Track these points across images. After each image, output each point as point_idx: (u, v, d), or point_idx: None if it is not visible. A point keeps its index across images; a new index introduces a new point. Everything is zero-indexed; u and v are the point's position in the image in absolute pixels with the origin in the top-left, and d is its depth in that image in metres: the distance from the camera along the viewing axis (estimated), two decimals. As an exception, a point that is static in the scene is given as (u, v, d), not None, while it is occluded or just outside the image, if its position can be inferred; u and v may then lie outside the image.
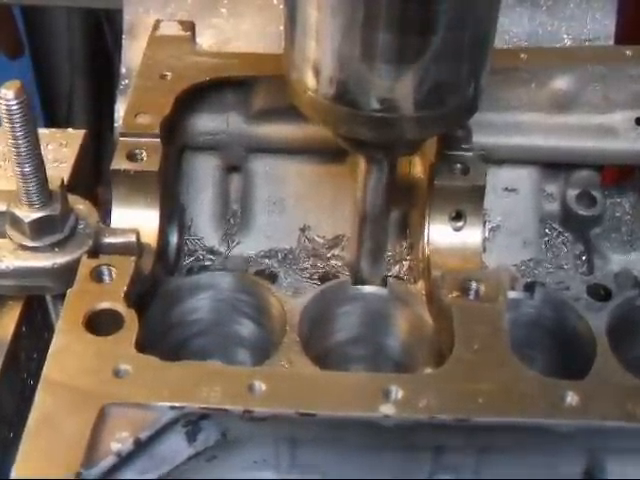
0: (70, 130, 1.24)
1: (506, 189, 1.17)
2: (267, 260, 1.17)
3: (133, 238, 0.96)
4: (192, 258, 1.16)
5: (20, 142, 0.87)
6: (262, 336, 1.07)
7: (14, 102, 0.84)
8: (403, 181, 1.16)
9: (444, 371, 0.82)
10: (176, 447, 0.82)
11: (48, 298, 1.00)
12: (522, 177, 1.18)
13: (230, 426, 0.84)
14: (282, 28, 0.92)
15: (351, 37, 0.82)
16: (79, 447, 0.74)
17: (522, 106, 1.15)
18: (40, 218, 0.91)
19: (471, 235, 1.01)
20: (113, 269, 0.89)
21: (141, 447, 0.78)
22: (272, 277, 1.15)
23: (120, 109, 1.25)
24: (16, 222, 0.92)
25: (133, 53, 1.27)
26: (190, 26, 1.17)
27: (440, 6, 0.79)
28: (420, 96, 0.85)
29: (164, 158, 1.01)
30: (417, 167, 1.16)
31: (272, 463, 0.93)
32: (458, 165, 1.01)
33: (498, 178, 1.16)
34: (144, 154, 1.01)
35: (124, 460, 0.77)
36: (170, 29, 1.16)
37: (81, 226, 0.95)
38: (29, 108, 0.85)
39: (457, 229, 1.01)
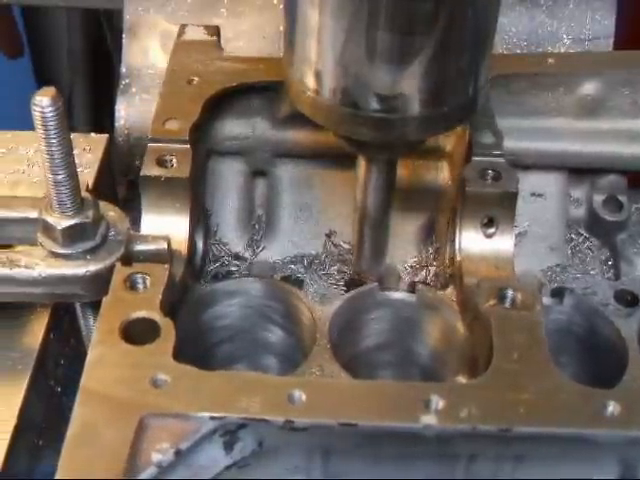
0: (93, 135, 1.24)
1: (533, 194, 1.17)
2: (293, 266, 1.17)
3: (164, 245, 0.95)
4: (217, 264, 1.15)
5: (54, 149, 0.86)
6: (290, 343, 1.07)
7: (49, 109, 0.83)
8: (429, 186, 1.16)
9: (484, 380, 0.81)
10: (213, 457, 0.82)
11: (77, 305, 0.99)
12: (549, 182, 1.17)
13: (267, 436, 0.83)
14: (282, 28, 0.92)
15: (351, 37, 0.82)
16: (120, 458, 0.74)
17: (549, 111, 1.14)
18: (73, 225, 0.91)
19: (503, 242, 1.00)
20: (147, 277, 0.89)
21: (180, 457, 0.77)
22: (298, 283, 1.15)
23: (120, 109, 1.25)
24: (48, 229, 0.92)
25: (133, 53, 1.27)
26: (215, 31, 1.17)
27: (440, 6, 0.79)
28: (421, 96, 0.85)
29: (193, 164, 1.01)
30: (444, 172, 1.15)
31: (303, 471, 0.92)
32: (490, 171, 1.00)
33: (525, 183, 1.15)
34: (174, 160, 1.00)
35: (163, 470, 0.76)
36: (196, 34, 1.16)
37: (112, 233, 0.95)
38: (64, 115, 0.84)
39: (489, 236, 1.01)
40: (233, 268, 1.16)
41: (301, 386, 0.80)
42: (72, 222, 0.90)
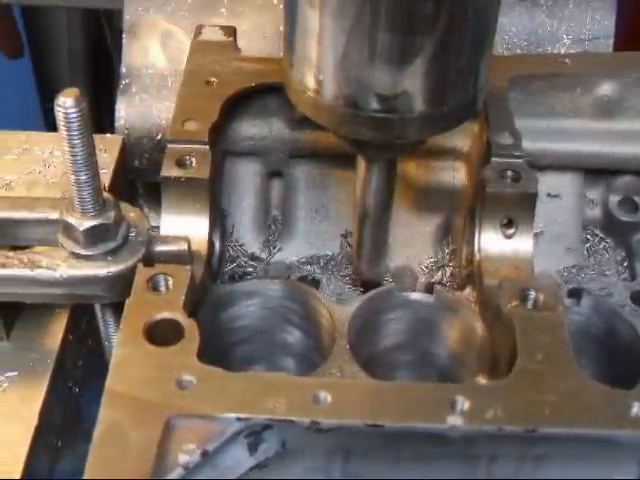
0: (108, 135, 1.24)
1: (549, 195, 1.17)
2: (309, 266, 1.17)
3: (185, 246, 0.95)
4: (234, 264, 1.15)
5: (77, 150, 0.86)
6: (308, 344, 1.07)
7: (72, 110, 0.84)
8: (445, 187, 1.16)
9: (509, 381, 0.81)
10: (238, 458, 0.82)
11: (96, 306, 0.99)
12: (565, 183, 1.17)
13: (290, 437, 0.83)
14: (282, 29, 0.92)
15: (351, 37, 0.82)
16: (147, 459, 0.74)
17: (566, 112, 1.15)
18: (94, 226, 0.91)
19: (522, 242, 1.01)
20: (169, 278, 0.89)
21: (206, 458, 0.77)
22: (314, 283, 1.15)
23: (120, 109, 1.25)
24: (69, 230, 0.92)
25: (133, 53, 1.27)
26: (232, 31, 1.17)
27: (440, 6, 0.79)
28: (421, 96, 0.85)
29: (211, 164, 1.01)
30: (461, 173, 1.15)
31: (323, 471, 0.92)
32: (509, 172, 1.01)
33: (541, 184, 1.15)
34: (193, 161, 1.00)
35: (190, 471, 0.76)
36: (212, 34, 1.16)
37: (133, 234, 0.94)
38: (87, 116, 0.84)
39: (508, 236, 1.01)
40: (249, 269, 1.16)
41: (327, 387, 0.80)
42: (94, 223, 0.90)
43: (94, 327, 1.08)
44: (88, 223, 0.90)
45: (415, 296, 1.05)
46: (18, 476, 0.88)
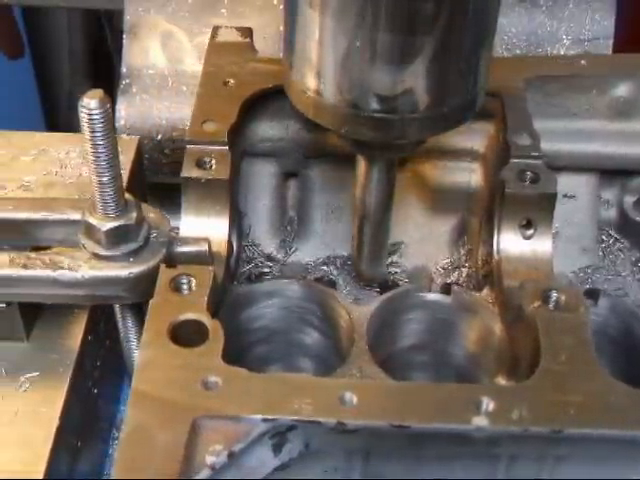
0: (124, 136, 1.24)
1: (565, 196, 1.17)
2: (325, 267, 1.17)
3: (205, 247, 0.95)
4: (250, 265, 1.16)
5: (100, 151, 0.86)
6: (326, 345, 1.07)
7: (96, 111, 0.83)
8: (461, 188, 1.17)
9: (533, 382, 0.82)
10: (263, 459, 0.82)
11: (116, 307, 0.99)
12: (580, 184, 1.18)
13: (314, 438, 0.83)
14: (282, 28, 0.92)
15: (351, 38, 0.82)
16: (175, 460, 0.74)
17: (582, 113, 1.15)
18: (116, 227, 0.91)
19: (541, 243, 1.01)
20: (192, 279, 0.89)
21: (233, 459, 0.77)
22: (331, 284, 1.15)
23: (120, 109, 1.25)
24: (91, 231, 0.92)
25: (134, 53, 1.27)
26: (248, 32, 1.17)
27: (440, 6, 0.79)
28: (421, 96, 0.85)
29: (231, 165, 1.01)
30: (476, 174, 1.16)
31: (343, 472, 0.93)
32: (528, 173, 1.01)
33: (557, 185, 1.16)
34: (213, 162, 1.01)
35: (216, 472, 0.76)
36: (229, 35, 1.16)
37: (154, 235, 0.95)
38: (111, 117, 0.84)
39: (527, 237, 1.01)
40: (266, 269, 1.16)
41: (352, 388, 0.80)
42: (115, 224, 0.90)
43: (112, 327, 1.08)
44: (110, 224, 0.90)
45: (433, 297, 1.06)
46: (40, 476, 0.89)
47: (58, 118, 2.41)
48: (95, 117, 0.84)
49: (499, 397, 0.79)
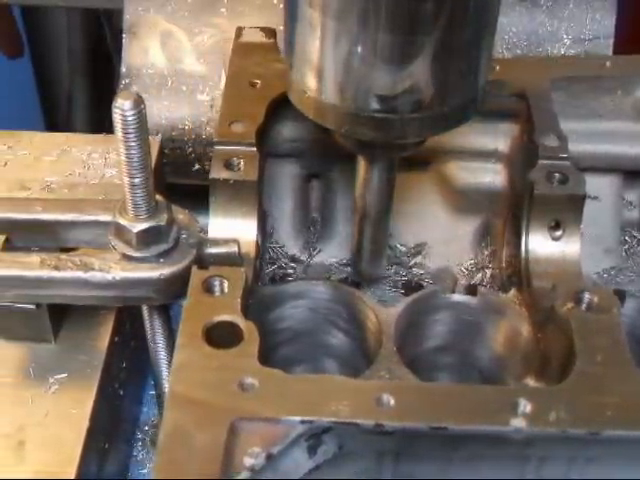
0: (146, 137, 1.23)
1: (588, 197, 1.16)
2: (349, 268, 1.17)
3: (235, 248, 0.95)
4: (274, 266, 1.16)
5: (133, 153, 0.86)
6: (352, 346, 1.07)
7: (130, 112, 0.83)
8: (485, 189, 1.17)
9: (569, 384, 0.81)
10: (298, 460, 0.82)
11: (144, 308, 0.99)
12: (604, 185, 1.17)
13: (348, 439, 0.83)
14: (282, 28, 0.92)
15: (350, 38, 0.82)
16: (213, 462, 0.74)
17: (607, 114, 1.15)
18: (147, 229, 0.91)
19: (570, 244, 1.01)
20: (224, 280, 0.89)
21: (271, 461, 0.77)
22: (355, 286, 1.15)
23: None
24: (122, 232, 0.92)
25: (133, 53, 1.27)
26: (272, 33, 1.17)
27: (441, 6, 0.79)
28: (421, 96, 0.85)
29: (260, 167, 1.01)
30: (500, 175, 1.16)
31: (374, 472, 0.92)
32: (556, 174, 1.01)
33: None
34: (241, 163, 1.00)
35: (254, 474, 0.76)
36: (253, 36, 1.16)
37: (184, 236, 0.94)
38: (145, 119, 0.84)
39: (556, 239, 1.01)
40: (290, 270, 1.16)
41: (389, 389, 0.80)
42: (147, 225, 0.90)
43: (137, 328, 1.08)
44: (141, 225, 0.90)
45: (460, 298, 1.05)
46: (72, 477, 0.89)
47: (57, 118, 2.41)
48: (129, 118, 0.84)
49: (536, 399, 0.79)
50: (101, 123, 2.25)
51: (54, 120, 2.43)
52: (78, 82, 2.33)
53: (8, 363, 0.98)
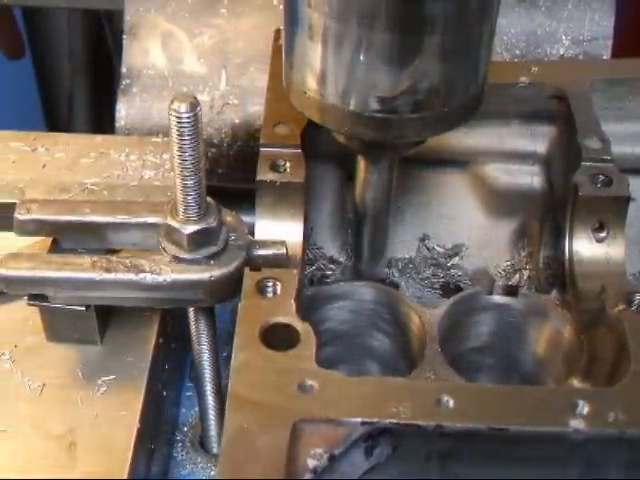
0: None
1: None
2: (387, 269, 1.17)
3: (283, 250, 0.95)
4: (313, 267, 1.16)
5: (186, 155, 0.86)
6: (394, 347, 1.07)
7: (186, 116, 0.83)
8: (522, 190, 1.17)
9: (626, 385, 0.82)
10: (355, 462, 0.82)
11: (190, 310, 0.99)
12: None
13: (404, 440, 0.84)
14: (282, 28, 0.93)
15: (350, 38, 0.82)
16: (277, 464, 0.74)
17: (646, 116, 1.16)
18: (199, 231, 0.91)
19: (614, 246, 1.01)
20: (277, 282, 0.89)
21: (333, 463, 0.77)
22: (393, 286, 1.15)
23: (121, 109, 1.25)
24: (172, 234, 0.92)
25: (134, 53, 1.28)
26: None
27: (440, 5, 0.79)
28: (421, 96, 0.85)
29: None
30: (538, 177, 1.16)
31: (419, 473, 0.93)
32: (600, 176, 1.01)
33: None
34: (287, 165, 1.01)
35: (317, 476, 0.77)
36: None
37: (232, 238, 0.95)
38: (200, 122, 0.84)
39: (600, 240, 1.01)
40: (328, 272, 1.16)
41: (448, 391, 0.80)
42: (198, 227, 0.90)
43: (177, 329, 1.08)
44: (192, 227, 0.90)
45: (502, 299, 1.06)
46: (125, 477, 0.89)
47: (58, 118, 2.41)
48: (184, 121, 0.84)
49: (594, 400, 0.80)
50: (101, 123, 2.27)
51: (55, 120, 2.43)
52: (79, 82, 2.33)
53: (56, 365, 0.98)
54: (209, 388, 1.05)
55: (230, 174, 1.35)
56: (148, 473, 0.99)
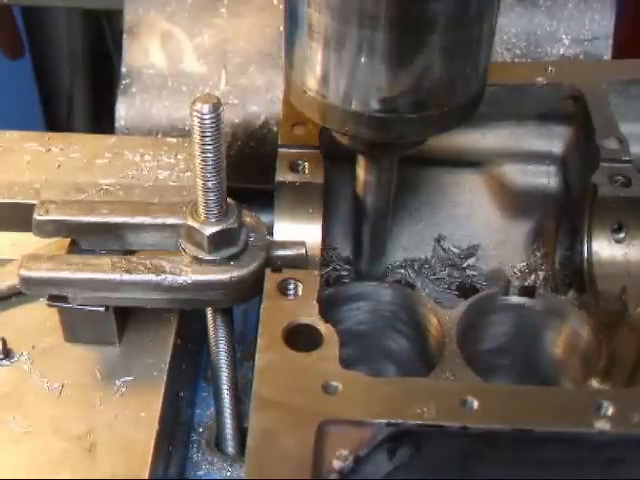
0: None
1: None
2: (402, 270, 1.17)
3: (303, 250, 0.95)
4: (329, 268, 1.16)
5: (208, 156, 0.86)
6: (411, 348, 1.07)
7: (208, 116, 0.83)
8: (537, 191, 1.17)
9: (649, 386, 0.82)
10: (379, 463, 0.82)
11: (208, 311, 0.99)
12: None
13: (427, 441, 0.84)
14: (282, 28, 0.92)
15: (350, 38, 0.82)
16: (304, 465, 0.74)
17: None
18: (219, 231, 0.91)
19: (633, 247, 1.01)
20: (299, 283, 0.89)
21: (358, 464, 0.77)
22: (409, 287, 1.15)
23: (120, 109, 1.25)
24: (193, 235, 0.92)
25: (133, 53, 1.27)
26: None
27: (440, 5, 0.79)
28: (421, 96, 0.85)
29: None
30: (554, 177, 1.16)
31: (440, 473, 0.93)
32: (619, 177, 1.01)
33: None
34: (306, 165, 1.01)
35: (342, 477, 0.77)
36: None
37: (252, 239, 0.94)
38: (222, 123, 0.84)
39: (618, 241, 1.01)
40: (344, 272, 1.16)
41: (472, 392, 0.80)
42: (218, 228, 0.90)
43: (194, 330, 1.08)
44: (213, 228, 0.90)
45: (520, 300, 1.06)
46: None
47: (58, 118, 2.41)
48: (206, 122, 0.84)
49: (618, 401, 0.80)
50: (101, 123, 2.27)
51: (54, 120, 2.43)
52: (78, 82, 2.33)
53: (75, 366, 0.98)
54: (226, 389, 1.05)
55: (230, 174, 1.34)
56: (166, 474, 0.99)
